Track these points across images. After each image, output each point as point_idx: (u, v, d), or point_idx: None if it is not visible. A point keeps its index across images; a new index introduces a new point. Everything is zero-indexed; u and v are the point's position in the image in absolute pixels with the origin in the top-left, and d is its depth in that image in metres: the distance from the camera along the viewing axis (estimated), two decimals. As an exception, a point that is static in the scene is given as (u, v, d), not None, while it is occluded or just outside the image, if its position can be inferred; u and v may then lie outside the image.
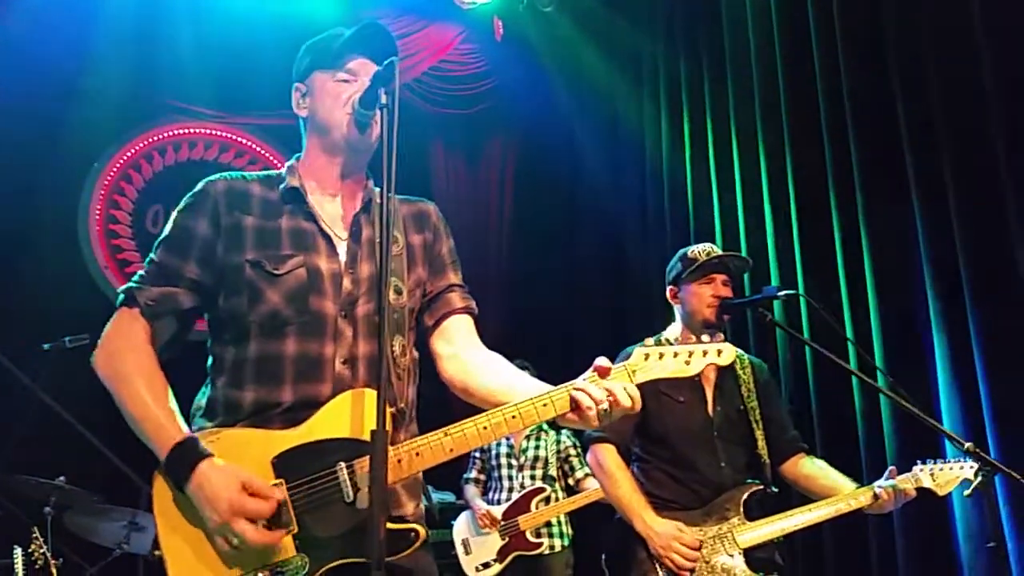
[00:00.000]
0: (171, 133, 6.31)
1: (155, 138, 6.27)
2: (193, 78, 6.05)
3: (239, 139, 6.51)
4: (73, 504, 4.03)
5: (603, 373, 1.80)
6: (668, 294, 3.24)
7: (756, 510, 2.96)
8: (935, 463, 2.93)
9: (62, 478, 3.99)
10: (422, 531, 1.82)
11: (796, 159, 4.79)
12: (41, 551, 3.69)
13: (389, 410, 1.77)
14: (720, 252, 3.18)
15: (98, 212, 6.04)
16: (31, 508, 3.93)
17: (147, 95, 6.07)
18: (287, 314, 1.86)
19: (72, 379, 4.29)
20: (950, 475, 2.90)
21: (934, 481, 2.91)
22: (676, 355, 1.89)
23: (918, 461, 2.95)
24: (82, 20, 5.51)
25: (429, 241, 2.10)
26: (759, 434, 3.07)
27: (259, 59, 5.69)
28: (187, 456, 1.73)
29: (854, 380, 4.23)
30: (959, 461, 2.91)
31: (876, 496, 2.89)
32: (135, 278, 1.93)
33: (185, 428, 1.80)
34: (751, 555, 2.88)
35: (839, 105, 4.47)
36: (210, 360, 1.96)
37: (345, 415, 1.80)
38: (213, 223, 1.93)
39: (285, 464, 1.76)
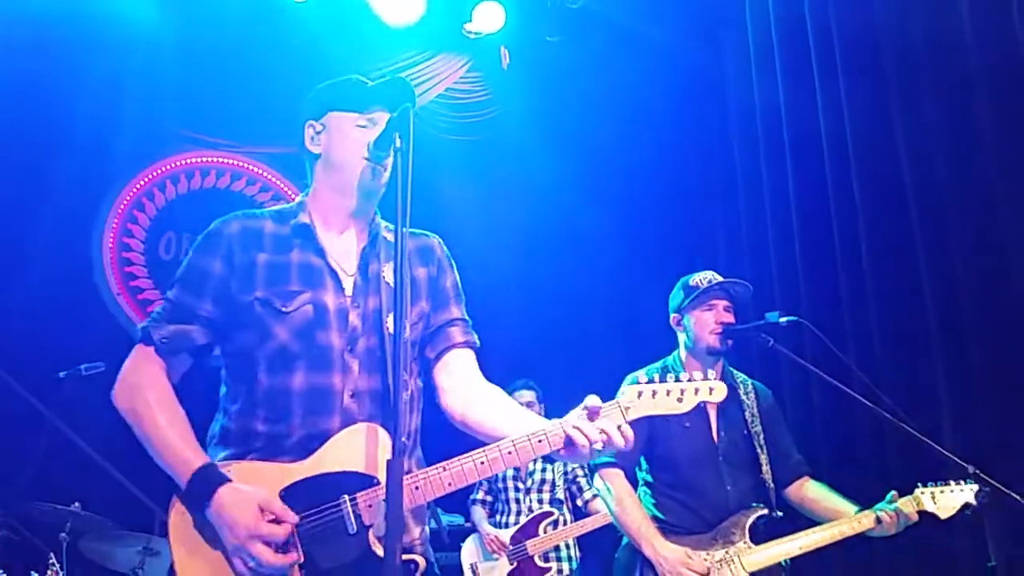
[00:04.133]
0: (184, 162, 6.41)
1: (169, 167, 6.37)
2: (207, 108, 6.14)
3: (252, 168, 6.60)
4: (89, 530, 4.08)
5: (593, 414, 1.85)
6: (671, 321, 3.30)
7: (762, 534, 3.00)
8: (936, 485, 2.97)
9: (77, 504, 4.04)
10: (421, 562, 1.90)
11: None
12: (58, 577, 3.75)
13: (390, 443, 1.81)
14: (721, 279, 3.25)
15: (111, 240, 6.13)
16: (47, 534, 3.97)
17: (160, 125, 6.15)
18: (295, 349, 1.93)
19: (87, 406, 4.38)
20: (951, 498, 2.95)
21: (936, 504, 2.96)
22: (668, 392, 1.94)
23: (918, 484, 3.00)
24: (97, 50, 5.59)
25: (433, 275, 2.16)
26: (763, 458, 3.13)
27: (271, 90, 5.78)
28: (208, 481, 1.81)
29: (856, 406, 4.26)
30: (959, 484, 2.96)
31: (879, 519, 2.94)
32: (152, 316, 2.01)
33: (203, 454, 1.88)
34: (757, 578, 2.92)
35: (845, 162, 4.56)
36: (224, 390, 2.03)
37: (349, 449, 1.87)
38: (227, 262, 2.00)
39: (292, 497, 1.83)
